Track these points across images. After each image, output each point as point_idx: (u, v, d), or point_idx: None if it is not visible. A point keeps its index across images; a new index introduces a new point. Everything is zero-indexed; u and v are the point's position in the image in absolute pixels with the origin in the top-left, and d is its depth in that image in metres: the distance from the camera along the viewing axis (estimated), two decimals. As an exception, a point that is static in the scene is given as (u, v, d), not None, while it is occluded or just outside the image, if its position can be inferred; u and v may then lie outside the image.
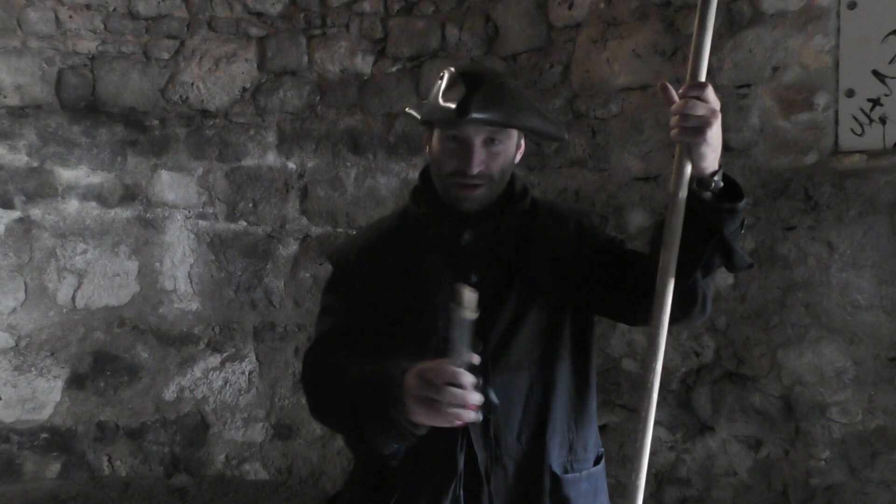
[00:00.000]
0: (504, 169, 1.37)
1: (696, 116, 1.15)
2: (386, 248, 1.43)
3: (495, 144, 1.34)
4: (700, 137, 1.16)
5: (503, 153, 1.35)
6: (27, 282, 3.41)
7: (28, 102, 3.38)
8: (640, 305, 1.32)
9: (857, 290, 2.38)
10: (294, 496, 3.45)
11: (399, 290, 1.37)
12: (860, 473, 2.41)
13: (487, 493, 1.33)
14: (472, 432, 1.32)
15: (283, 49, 3.51)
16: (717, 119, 1.16)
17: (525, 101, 1.35)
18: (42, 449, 3.43)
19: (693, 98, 1.16)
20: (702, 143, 1.16)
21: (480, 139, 1.32)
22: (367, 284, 1.40)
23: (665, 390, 2.80)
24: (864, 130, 2.35)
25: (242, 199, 3.55)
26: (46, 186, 3.42)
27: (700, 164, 1.19)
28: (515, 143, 1.39)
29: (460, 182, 1.33)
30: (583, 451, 1.43)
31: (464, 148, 1.32)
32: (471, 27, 3.28)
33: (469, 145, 1.31)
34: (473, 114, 1.25)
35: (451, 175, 1.34)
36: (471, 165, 1.31)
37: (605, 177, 2.91)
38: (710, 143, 1.16)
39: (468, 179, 1.32)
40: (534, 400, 1.38)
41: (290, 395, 3.56)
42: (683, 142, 1.19)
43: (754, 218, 2.57)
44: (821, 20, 2.41)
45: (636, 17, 2.80)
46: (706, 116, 1.15)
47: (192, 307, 3.56)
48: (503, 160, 1.36)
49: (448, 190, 1.36)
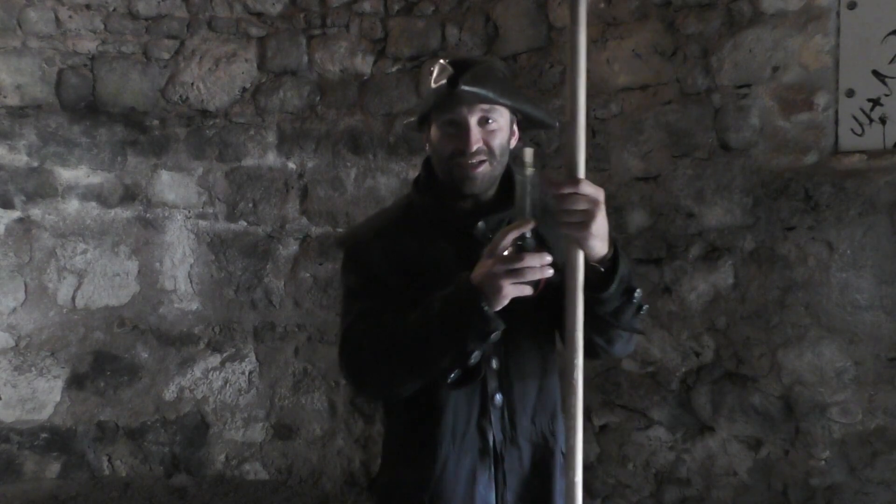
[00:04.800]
0: (502, 145, 1.40)
1: (578, 212, 1.18)
2: (399, 236, 1.46)
3: (489, 123, 1.38)
4: (585, 232, 1.18)
5: (499, 130, 1.39)
6: (27, 282, 3.41)
7: (28, 102, 3.38)
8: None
9: (857, 290, 2.38)
10: (294, 496, 3.45)
11: (415, 277, 1.40)
12: (860, 473, 2.41)
13: (502, 472, 1.41)
14: (494, 418, 1.41)
15: (283, 49, 3.51)
16: (599, 210, 1.18)
17: (513, 86, 1.40)
18: (42, 449, 3.43)
19: (572, 194, 1.18)
20: (588, 237, 1.19)
21: (475, 119, 1.36)
22: (383, 269, 1.43)
23: (665, 390, 2.80)
24: (864, 130, 2.35)
25: (242, 199, 3.55)
26: (46, 186, 3.42)
27: (590, 254, 1.22)
28: (509, 125, 1.43)
29: (461, 162, 1.37)
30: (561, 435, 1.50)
31: (460, 129, 1.36)
32: (471, 27, 3.28)
33: (465, 125, 1.36)
34: (463, 86, 1.30)
35: (451, 157, 1.38)
36: (469, 143, 1.35)
37: (605, 177, 2.91)
38: (595, 234, 1.19)
39: (468, 158, 1.36)
40: (545, 383, 1.46)
41: (290, 395, 3.56)
42: (570, 236, 1.21)
43: (754, 218, 2.57)
44: (821, 20, 2.41)
45: (636, 17, 2.80)
46: (588, 210, 1.17)
47: (192, 307, 3.55)
48: (500, 137, 1.40)
49: (450, 172, 1.40)
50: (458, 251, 1.41)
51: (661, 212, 2.78)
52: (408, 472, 1.45)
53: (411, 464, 1.45)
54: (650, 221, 2.81)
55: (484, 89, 1.33)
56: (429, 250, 1.43)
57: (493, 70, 1.39)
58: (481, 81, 1.33)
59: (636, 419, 2.86)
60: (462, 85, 1.30)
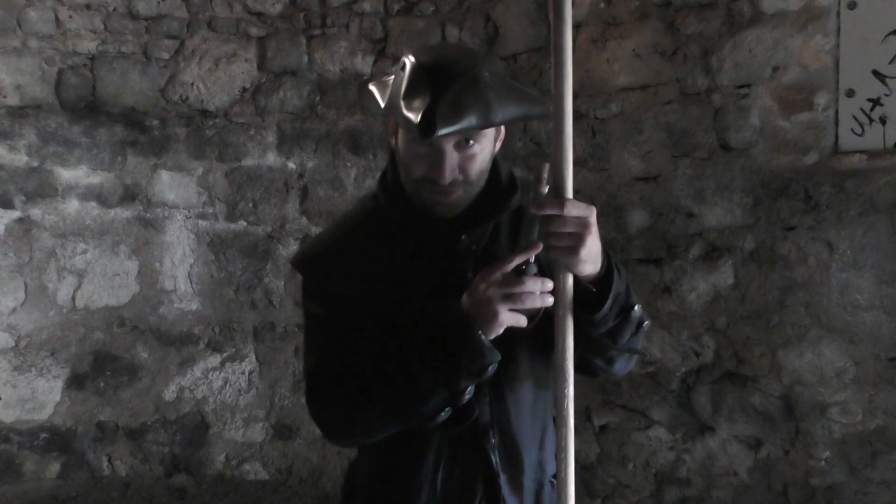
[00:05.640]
0: (482, 169, 1.21)
1: (566, 235, 1.06)
2: (365, 250, 1.27)
3: (469, 146, 1.16)
4: (574, 258, 1.07)
5: (479, 153, 1.18)
6: (27, 282, 3.41)
7: (28, 102, 3.38)
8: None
9: (857, 290, 2.38)
10: (294, 496, 3.45)
11: (387, 300, 1.22)
12: (860, 473, 2.41)
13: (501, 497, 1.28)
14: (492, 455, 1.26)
15: (283, 49, 3.50)
16: (589, 233, 1.06)
17: (503, 89, 1.15)
18: (42, 449, 3.43)
19: (558, 217, 1.06)
20: (577, 262, 1.08)
21: (451, 143, 1.15)
22: (349, 292, 1.24)
23: (665, 390, 2.80)
24: (864, 130, 2.35)
25: (242, 199, 3.55)
26: (46, 186, 3.42)
27: (579, 276, 1.12)
28: (494, 137, 1.23)
29: (430, 188, 1.18)
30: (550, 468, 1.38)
31: (434, 153, 1.15)
32: (471, 27, 3.28)
33: (440, 151, 1.14)
34: (440, 130, 1.06)
35: (421, 181, 1.18)
36: (442, 174, 1.14)
37: (605, 177, 2.91)
38: (584, 259, 1.08)
39: (440, 187, 1.16)
40: (538, 409, 1.32)
41: (290, 395, 3.56)
42: (559, 260, 1.10)
43: (754, 218, 2.57)
44: (821, 20, 2.41)
45: (636, 17, 2.80)
46: (577, 234, 1.06)
47: (192, 307, 3.55)
48: (480, 160, 1.19)
49: (419, 193, 1.20)
50: (437, 270, 1.23)
51: (661, 212, 2.78)
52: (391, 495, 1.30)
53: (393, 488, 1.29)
54: (650, 221, 2.81)
55: (467, 119, 1.08)
56: (402, 269, 1.24)
57: (479, 81, 1.12)
58: (463, 109, 1.08)
59: (636, 419, 2.86)
60: (440, 128, 1.06)
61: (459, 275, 1.23)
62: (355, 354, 1.21)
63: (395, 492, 1.29)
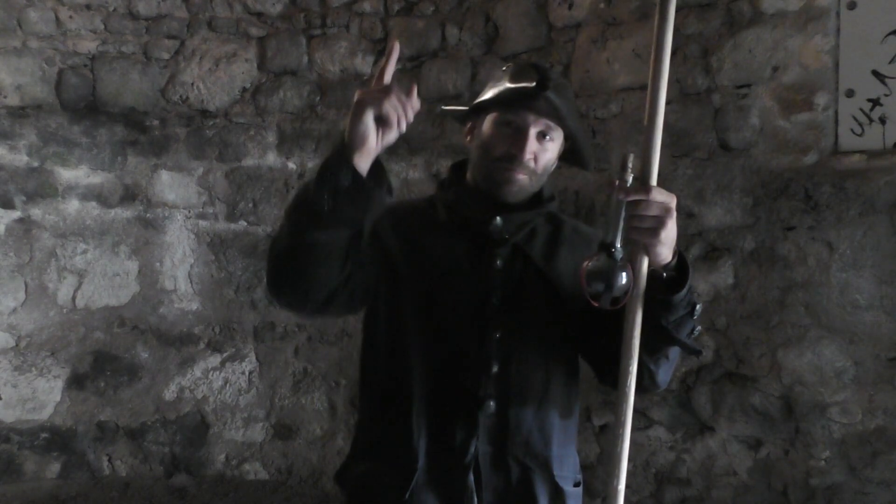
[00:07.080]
0: (548, 167, 1.38)
1: (650, 217, 1.15)
2: (414, 221, 1.43)
3: (546, 140, 1.35)
4: (655, 239, 1.16)
5: (551, 151, 1.37)
6: (27, 282, 3.41)
7: (28, 102, 3.38)
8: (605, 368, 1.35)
9: (857, 290, 2.38)
10: (294, 496, 3.45)
11: (422, 263, 1.36)
12: (860, 473, 2.41)
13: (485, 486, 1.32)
14: (482, 426, 1.32)
15: (283, 49, 3.51)
16: (671, 217, 1.16)
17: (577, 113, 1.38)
18: (42, 449, 3.43)
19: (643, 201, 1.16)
20: (656, 244, 1.16)
21: (536, 130, 1.33)
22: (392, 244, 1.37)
23: (665, 390, 2.80)
24: (864, 130, 2.35)
25: (242, 199, 3.55)
26: (46, 186, 3.42)
27: (655, 260, 1.19)
28: (558, 150, 1.40)
29: (507, 166, 1.33)
30: (570, 469, 1.42)
31: (518, 134, 1.32)
32: (471, 27, 3.28)
33: (524, 132, 1.32)
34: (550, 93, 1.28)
35: (499, 159, 1.34)
36: (524, 151, 1.31)
37: (605, 176, 2.91)
38: (664, 242, 1.16)
39: (516, 164, 1.32)
40: (546, 403, 1.37)
41: (290, 395, 3.56)
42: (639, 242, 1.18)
43: (754, 218, 2.57)
44: (821, 20, 2.41)
45: (636, 17, 2.80)
46: (660, 217, 1.15)
47: (193, 307, 3.55)
48: (549, 157, 1.37)
49: (491, 173, 1.35)
50: (468, 245, 1.37)
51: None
52: (385, 469, 1.36)
53: (389, 459, 1.36)
54: (650, 221, 2.81)
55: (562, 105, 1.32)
56: (437, 238, 1.39)
57: (568, 90, 1.38)
58: (561, 97, 1.31)
59: (636, 419, 2.86)
60: (549, 91, 1.28)
61: (488, 260, 1.35)
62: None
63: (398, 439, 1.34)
